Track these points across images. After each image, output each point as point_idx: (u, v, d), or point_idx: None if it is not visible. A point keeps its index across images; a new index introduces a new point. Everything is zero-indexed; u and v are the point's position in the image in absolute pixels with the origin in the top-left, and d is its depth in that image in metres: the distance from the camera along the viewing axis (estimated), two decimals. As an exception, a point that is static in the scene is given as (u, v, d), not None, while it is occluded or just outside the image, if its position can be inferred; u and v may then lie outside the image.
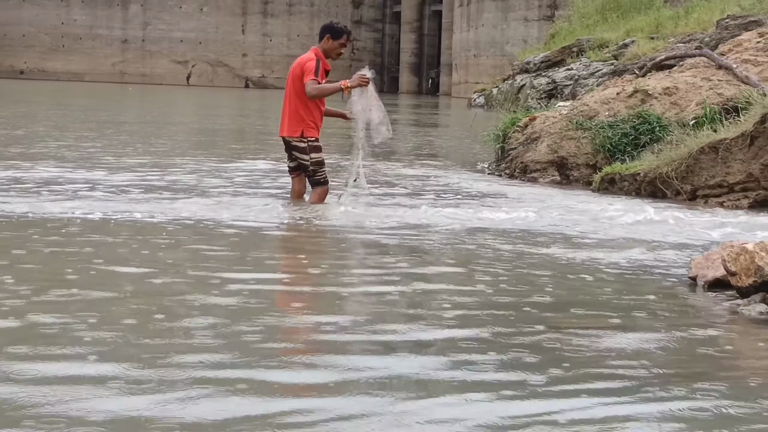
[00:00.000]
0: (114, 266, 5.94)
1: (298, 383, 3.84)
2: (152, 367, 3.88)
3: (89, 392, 3.56)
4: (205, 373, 3.84)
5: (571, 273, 6.29)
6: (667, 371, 4.14)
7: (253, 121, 26.60)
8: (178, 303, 5.03)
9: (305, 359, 4.16)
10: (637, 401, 3.73)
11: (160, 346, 4.19)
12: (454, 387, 3.83)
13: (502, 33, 52.83)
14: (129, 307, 4.90)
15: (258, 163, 13.07)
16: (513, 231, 7.92)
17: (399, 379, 3.88)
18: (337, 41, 8.73)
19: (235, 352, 4.15)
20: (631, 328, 4.85)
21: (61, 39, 66.98)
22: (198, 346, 4.22)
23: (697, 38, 22.80)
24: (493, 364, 4.15)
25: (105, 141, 16.33)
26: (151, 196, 9.34)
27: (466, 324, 4.82)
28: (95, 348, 4.11)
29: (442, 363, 4.13)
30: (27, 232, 7.10)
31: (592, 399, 3.74)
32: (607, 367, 4.16)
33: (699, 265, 6.12)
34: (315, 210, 8.56)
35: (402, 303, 5.31)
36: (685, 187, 10.30)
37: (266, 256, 6.76)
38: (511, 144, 12.89)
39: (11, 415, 3.32)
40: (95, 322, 4.55)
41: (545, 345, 4.49)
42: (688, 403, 3.73)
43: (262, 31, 69.20)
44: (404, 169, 13.32)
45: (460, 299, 5.41)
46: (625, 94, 12.39)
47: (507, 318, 4.98)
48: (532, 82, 30.14)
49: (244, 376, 3.83)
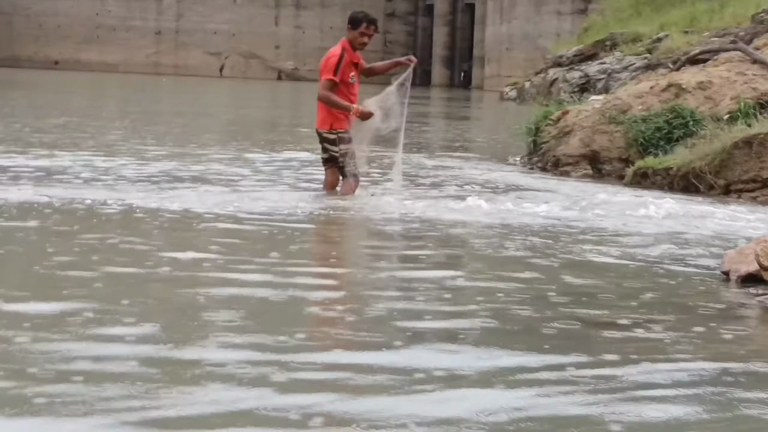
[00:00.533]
0: (169, 251, 6.01)
1: (326, 379, 3.88)
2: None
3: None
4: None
5: (603, 266, 6.29)
6: (699, 365, 4.14)
7: (285, 113, 26.69)
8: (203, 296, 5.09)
9: (335, 352, 4.20)
10: (663, 395, 3.74)
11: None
12: (483, 379, 3.86)
13: (534, 26, 52.61)
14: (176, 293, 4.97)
15: (291, 154, 13.12)
16: (544, 224, 7.92)
17: (426, 371, 3.92)
18: (356, 30, 8.70)
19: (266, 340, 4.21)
20: (662, 322, 4.86)
21: (95, 30, 67.36)
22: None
23: (731, 32, 22.66)
24: (525, 356, 4.17)
25: (140, 131, 16.45)
26: (184, 186, 9.40)
27: (498, 316, 4.84)
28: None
29: (472, 354, 4.16)
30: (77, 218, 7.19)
31: (626, 393, 3.75)
32: (638, 362, 4.17)
33: (732, 259, 6.10)
34: (345, 201, 8.59)
35: (434, 294, 5.34)
36: (718, 181, 10.26)
37: (296, 247, 6.80)
38: (543, 138, 12.87)
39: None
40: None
41: (576, 339, 4.51)
42: (720, 397, 3.73)
43: (294, 23, 69.29)
44: (435, 161, 13.33)
45: (492, 290, 5.43)
46: (659, 88, 12.34)
47: (537, 310, 4.99)
48: (564, 76, 30.05)
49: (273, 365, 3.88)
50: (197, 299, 4.89)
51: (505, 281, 5.70)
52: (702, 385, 3.86)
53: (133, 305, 4.69)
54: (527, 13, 53.30)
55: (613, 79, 26.02)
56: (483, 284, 5.66)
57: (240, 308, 4.73)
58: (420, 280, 5.65)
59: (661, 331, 4.67)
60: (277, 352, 4.04)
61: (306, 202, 8.65)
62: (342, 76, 8.61)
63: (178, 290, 5.11)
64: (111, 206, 7.85)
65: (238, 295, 5.03)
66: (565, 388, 3.75)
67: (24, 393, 3.40)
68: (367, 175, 9.05)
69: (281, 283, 5.33)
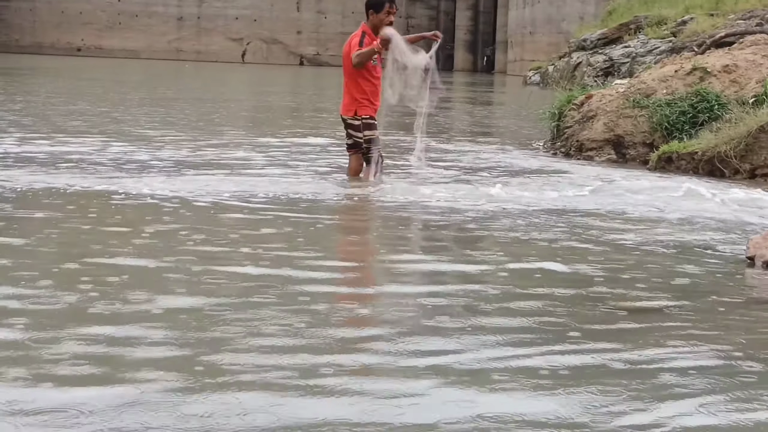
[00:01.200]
0: (204, 246, 6.04)
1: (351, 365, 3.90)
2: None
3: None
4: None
5: (629, 251, 6.28)
6: (725, 350, 4.13)
7: (308, 99, 26.70)
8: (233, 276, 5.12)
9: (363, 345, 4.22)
10: (690, 382, 3.74)
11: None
12: (513, 369, 3.86)
13: (558, 10, 52.34)
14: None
15: (314, 140, 13.15)
16: (568, 210, 7.90)
17: (449, 366, 3.93)
18: (381, 13, 8.70)
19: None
20: (688, 308, 4.84)
21: (117, 16, 67.58)
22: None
23: (757, 15, 22.48)
24: (551, 341, 4.18)
25: (167, 118, 16.51)
26: (213, 171, 9.44)
27: (527, 304, 4.84)
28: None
29: (499, 340, 4.17)
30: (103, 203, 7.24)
31: (650, 378, 3.75)
32: (665, 346, 4.16)
33: (757, 245, 6.07)
34: (368, 187, 8.61)
35: (461, 282, 5.35)
36: (743, 166, 10.20)
37: (320, 233, 6.82)
38: (567, 122, 12.82)
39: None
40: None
41: (603, 324, 4.50)
42: (746, 384, 3.72)
43: (316, 8, 69.26)
44: (458, 146, 13.32)
45: (520, 278, 5.44)
46: (684, 72, 12.27)
47: (566, 296, 4.99)
48: (588, 60, 29.91)
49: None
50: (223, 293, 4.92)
51: (530, 268, 5.70)
52: (726, 370, 3.85)
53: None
54: (550, -4, 53.02)
55: (637, 63, 25.86)
56: (506, 271, 5.65)
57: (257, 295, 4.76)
58: (443, 272, 5.66)
59: (684, 317, 4.66)
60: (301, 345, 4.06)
61: (330, 188, 8.67)
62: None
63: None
64: (165, 197, 7.90)
65: (258, 278, 5.05)
66: (594, 372, 3.75)
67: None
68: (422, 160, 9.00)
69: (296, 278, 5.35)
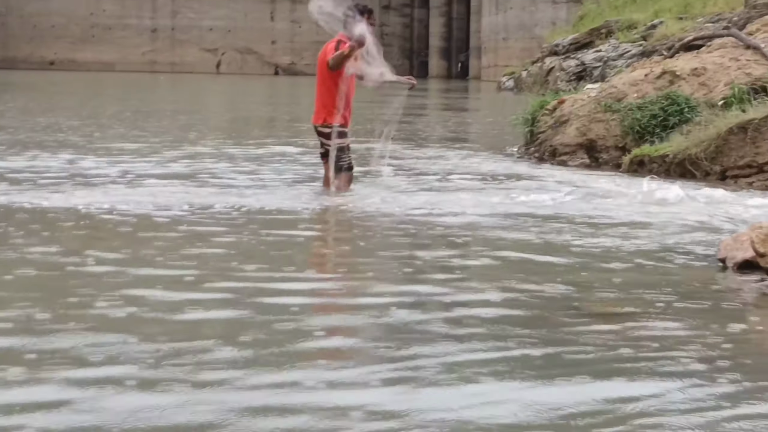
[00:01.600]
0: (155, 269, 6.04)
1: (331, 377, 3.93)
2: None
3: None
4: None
5: (600, 255, 6.32)
6: (695, 352, 4.18)
7: (283, 109, 26.70)
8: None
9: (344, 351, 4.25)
10: (665, 384, 3.78)
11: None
12: (487, 372, 3.90)
13: (530, 15, 52.58)
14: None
15: (287, 149, 13.16)
16: (540, 215, 7.94)
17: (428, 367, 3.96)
18: None
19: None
20: (660, 311, 4.89)
21: (90, 29, 67.37)
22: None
23: (725, 18, 22.69)
24: (523, 347, 4.21)
25: (144, 131, 16.47)
26: (183, 184, 9.42)
27: (499, 309, 4.88)
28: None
29: (477, 346, 4.20)
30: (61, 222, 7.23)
31: (619, 384, 3.79)
32: (635, 348, 4.21)
33: (728, 246, 6.13)
34: (340, 197, 8.63)
35: (434, 290, 5.38)
36: (714, 167, 10.29)
37: (288, 242, 6.83)
38: (540, 127, 12.90)
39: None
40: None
41: (574, 330, 4.54)
42: (716, 384, 3.77)
43: (291, 17, 69.25)
44: (433, 153, 13.35)
45: (488, 285, 5.47)
46: (654, 76, 12.37)
47: (536, 303, 5.03)
48: (561, 65, 30.07)
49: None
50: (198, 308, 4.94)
51: (503, 273, 5.74)
52: (696, 373, 3.90)
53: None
54: (523, 2, 53.28)
55: (609, 67, 26.02)
56: (479, 278, 5.69)
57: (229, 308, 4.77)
58: (422, 280, 5.69)
59: (655, 319, 4.70)
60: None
61: (304, 198, 8.68)
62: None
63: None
64: (126, 211, 7.89)
65: (228, 291, 5.07)
66: (562, 377, 3.79)
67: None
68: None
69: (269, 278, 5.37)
